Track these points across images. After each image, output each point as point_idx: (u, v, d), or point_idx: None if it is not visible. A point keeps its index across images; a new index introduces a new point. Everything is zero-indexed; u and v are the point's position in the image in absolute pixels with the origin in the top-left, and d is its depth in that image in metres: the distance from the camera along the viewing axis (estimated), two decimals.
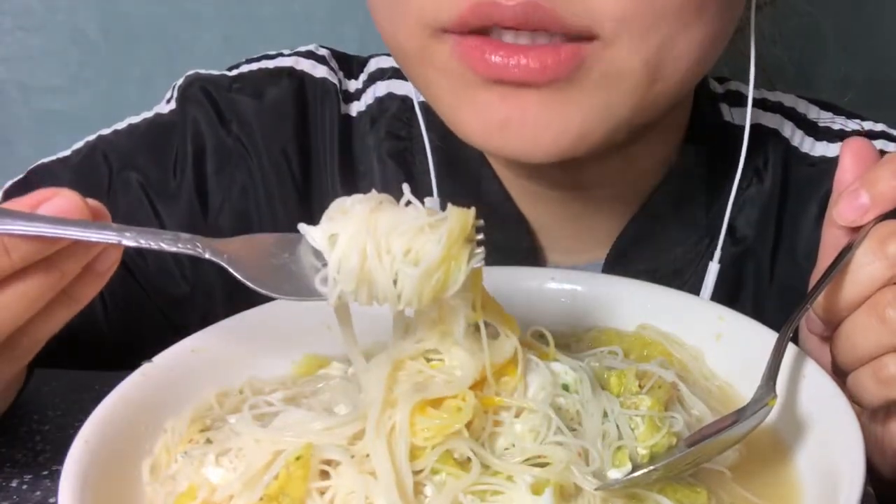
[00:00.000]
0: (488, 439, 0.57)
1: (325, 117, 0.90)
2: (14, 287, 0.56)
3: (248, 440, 0.57)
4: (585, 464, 0.56)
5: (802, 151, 0.89)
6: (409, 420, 0.55)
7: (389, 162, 0.88)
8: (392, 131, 0.89)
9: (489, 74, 0.68)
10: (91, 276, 0.58)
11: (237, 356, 0.68)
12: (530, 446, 0.56)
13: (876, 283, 0.60)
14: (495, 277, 0.69)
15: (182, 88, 0.90)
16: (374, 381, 0.57)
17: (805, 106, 0.92)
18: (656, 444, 0.59)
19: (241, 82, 0.91)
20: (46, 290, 0.56)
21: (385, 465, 0.53)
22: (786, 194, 0.88)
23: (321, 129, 0.90)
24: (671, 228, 0.86)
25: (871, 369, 0.61)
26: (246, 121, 0.89)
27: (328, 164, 0.89)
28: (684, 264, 0.86)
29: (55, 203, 0.56)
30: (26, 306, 0.56)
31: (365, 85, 0.92)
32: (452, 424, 0.55)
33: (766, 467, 0.61)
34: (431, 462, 0.54)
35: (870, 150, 0.66)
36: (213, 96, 0.90)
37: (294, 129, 0.89)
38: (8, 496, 0.65)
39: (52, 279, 0.56)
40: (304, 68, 0.91)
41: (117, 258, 0.59)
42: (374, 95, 0.91)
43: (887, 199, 0.62)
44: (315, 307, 0.71)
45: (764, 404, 0.59)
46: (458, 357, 0.58)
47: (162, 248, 0.56)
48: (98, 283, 0.59)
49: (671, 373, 0.65)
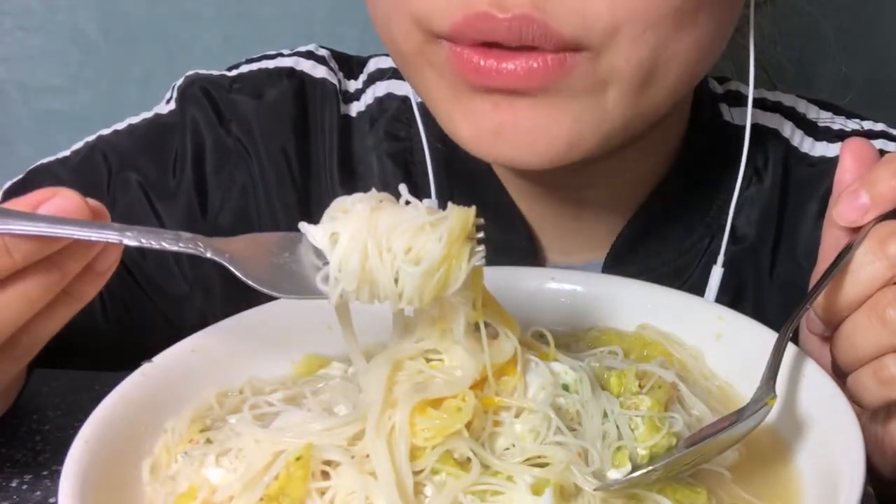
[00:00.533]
0: (488, 439, 0.57)
1: (324, 117, 0.90)
2: (15, 287, 0.56)
3: (248, 441, 0.57)
4: (585, 464, 0.56)
5: (802, 151, 0.89)
6: (409, 420, 0.55)
7: (388, 162, 0.88)
8: (391, 132, 0.89)
9: (481, 81, 0.68)
10: (91, 276, 0.58)
11: (237, 356, 0.68)
12: (530, 446, 0.56)
13: (876, 283, 0.60)
14: (495, 277, 0.69)
15: (181, 89, 0.90)
16: (374, 381, 0.57)
17: (805, 106, 0.92)
18: (656, 445, 0.59)
19: (240, 82, 0.91)
20: (47, 289, 0.57)
21: (385, 465, 0.53)
22: (786, 194, 0.88)
23: (321, 129, 0.90)
24: (670, 228, 0.86)
25: (871, 370, 0.61)
26: (246, 121, 0.89)
27: (328, 165, 0.89)
28: (684, 264, 0.86)
29: (55, 202, 0.56)
30: (27, 306, 0.56)
31: (365, 85, 0.92)
32: (453, 425, 0.55)
33: (766, 467, 0.61)
34: (431, 462, 0.54)
35: (870, 150, 0.66)
36: (212, 96, 0.89)
37: (294, 129, 0.89)
38: (8, 496, 0.65)
39: (53, 278, 0.56)
40: (304, 69, 0.91)
41: (117, 257, 0.59)
42: (374, 96, 0.91)
43: (887, 200, 0.62)
44: (315, 307, 0.71)
45: (763, 404, 0.59)
46: (458, 357, 0.58)
47: (163, 248, 0.56)
48: (99, 282, 0.59)
49: (671, 373, 0.64)
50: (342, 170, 0.89)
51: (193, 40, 1.34)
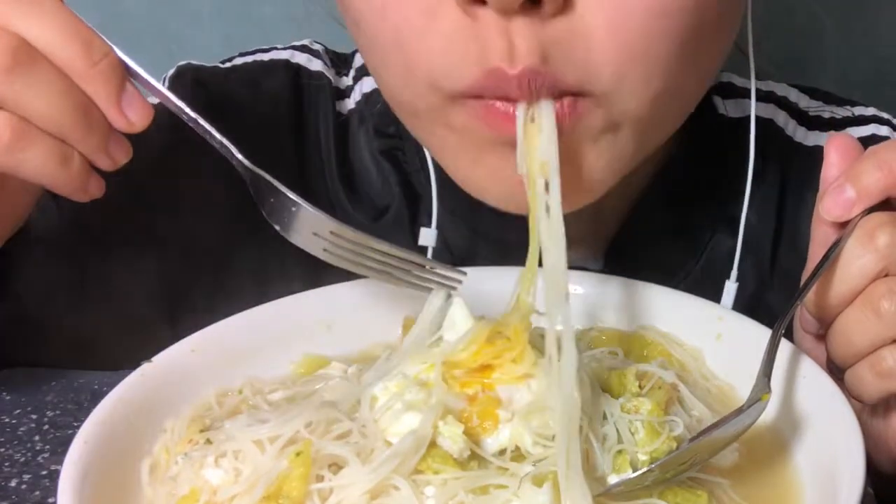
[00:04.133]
0: (488, 438, 0.57)
1: (319, 111, 0.89)
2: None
3: (245, 442, 0.57)
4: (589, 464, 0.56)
5: (797, 141, 0.89)
6: None
7: (383, 161, 0.88)
8: (380, 129, 0.88)
9: (510, 131, 0.64)
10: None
11: (237, 356, 0.68)
12: (531, 446, 0.56)
13: (867, 276, 0.60)
14: (495, 277, 0.69)
15: (172, 79, 0.89)
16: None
17: (796, 95, 0.92)
18: (656, 450, 0.58)
19: (235, 73, 0.90)
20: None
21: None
22: (784, 183, 0.88)
23: (316, 122, 0.89)
24: (670, 223, 0.86)
25: (868, 363, 0.60)
26: (240, 111, 0.87)
27: (325, 159, 0.89)
28: (685, 259, 0.86)
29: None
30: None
31: (354, 81, 0.91)
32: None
33: (766, 468, 0.61)
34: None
35: (853, 145, 0.66)
36: (206, 86, 0.88)
37: (290, 120, 0.88)
38: (7, 496, 0.65)
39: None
40: (299, 62, 0.91)
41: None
42: (361, 91, 0.90)
43: (872, 192, 0.62)
44: (315, 307, 0.71)
45: (757, 400, 0.58)
46: None
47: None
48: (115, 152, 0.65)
49: (671, 373, 0.64)
50: (339, 167, 0.89)
51: (193, 40, 1.34)
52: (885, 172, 0.61)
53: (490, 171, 0.67)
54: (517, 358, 0.59)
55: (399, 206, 0.87)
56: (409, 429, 0.56)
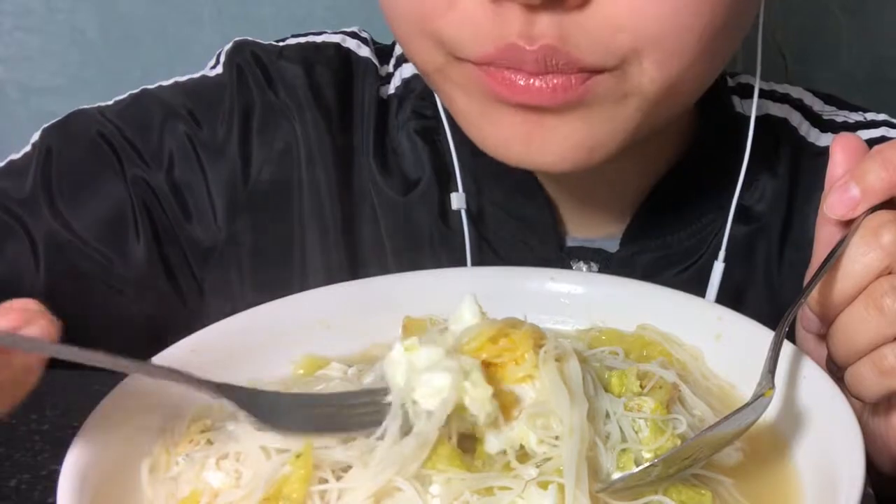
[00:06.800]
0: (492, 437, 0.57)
1: (365, 94, 0.92)
2: None
3: (247, 444, 0.57)
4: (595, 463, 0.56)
5: (809, 141, 0.91)
6: None
7: (418, 140, 0.90)
8: (417, 110, 0.91)
9: (512, 97, 0.69)
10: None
11: (237, 356, 0.68)
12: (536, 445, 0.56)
13: (871, 274, 0.60)
14: (496, 277, 0.69)
15: (230, 52, 0.92)
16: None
17: (811, 98, 0.94)
18: (660, 448, 0.58)
19: (289, 51, 0.93)
20: None
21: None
22: (796, 181, 0.89)
23: (361, 105, 0.92)
24: (685, 206, 0.88)
25: (870, 361, 0.60)
26: (293, 87, 0.91)
27: (364, 140, 0.91)
28: (697, 242, 0.87)
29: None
30: None
31: (394, 68, 0.95)
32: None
33: (768, 468, 0.60)
34: None
35: (859, 144, 0.66)
36: (262, 61, 0.92)
37: (338, 101, 0.91)
38: (7, 496, 0.65)
39: None
40: (349, 46, 0.94)
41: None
42: (401, 77, 0.93)
43: (877, 191, 0.62)
44: (315, 306, 0.71)
45: (761, 395, 0.58)
46: None
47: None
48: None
49: (672, 373, 0.64)
50: (378, 146, 0.91)
51: (193, 40, 1.34)
52: (889, 171, 0.62)
53: (493, 125, 0.72)
54: (518, 360, 0.59)
55: (429, 179, 0.90)
56: (438, 388, 0.56)
